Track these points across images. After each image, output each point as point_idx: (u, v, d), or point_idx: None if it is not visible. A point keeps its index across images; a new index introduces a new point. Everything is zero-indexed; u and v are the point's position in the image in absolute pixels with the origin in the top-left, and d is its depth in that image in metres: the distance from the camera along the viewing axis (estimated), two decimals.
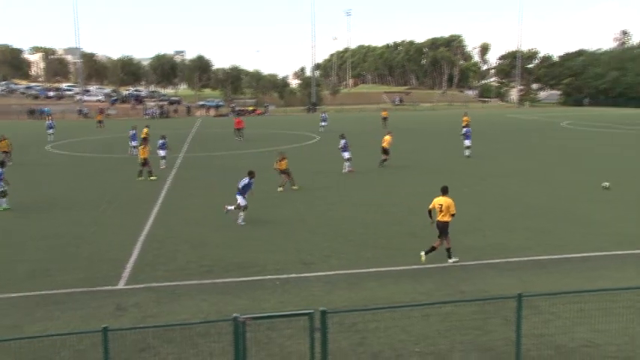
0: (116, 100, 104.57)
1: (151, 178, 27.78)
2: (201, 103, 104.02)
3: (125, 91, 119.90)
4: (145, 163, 28.04)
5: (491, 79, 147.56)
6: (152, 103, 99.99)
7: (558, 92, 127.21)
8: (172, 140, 44.05)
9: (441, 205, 14.31)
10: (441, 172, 28.82)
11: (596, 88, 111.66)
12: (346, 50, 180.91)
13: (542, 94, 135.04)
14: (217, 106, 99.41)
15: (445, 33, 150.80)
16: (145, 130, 41.94)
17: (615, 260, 14.35)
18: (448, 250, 14.32)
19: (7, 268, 14.46)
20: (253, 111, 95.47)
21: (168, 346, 9.49)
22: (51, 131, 50.55)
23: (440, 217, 14.31)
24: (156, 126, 52.14)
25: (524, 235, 16.72)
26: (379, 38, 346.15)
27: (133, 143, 38.15)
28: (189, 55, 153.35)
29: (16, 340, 8.89)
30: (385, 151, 32.05)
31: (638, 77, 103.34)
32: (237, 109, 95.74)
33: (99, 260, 14.93)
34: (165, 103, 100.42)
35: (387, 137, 32.56)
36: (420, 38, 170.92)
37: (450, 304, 10.22)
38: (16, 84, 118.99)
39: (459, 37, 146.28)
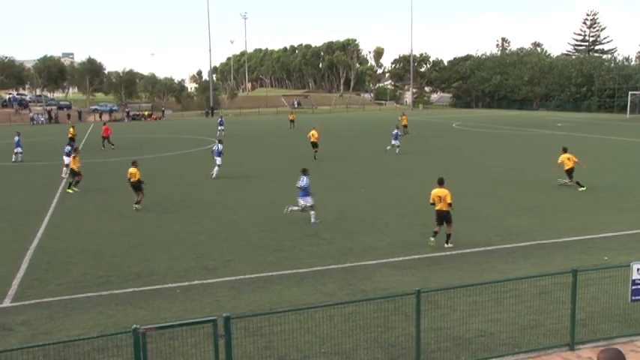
0: None
1: (69, 190, 25.14)
2: (94, 107, 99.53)
3: (7, 94, 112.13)
4: (76, 173, 25.52)
5: (387, 83, 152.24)
6: (39, 108, 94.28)
7: (449, 95, 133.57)
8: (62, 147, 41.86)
9: (440, 196, 15.50)
10: (339, 173, 29.35)
11: (483, 91, 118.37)
12: (243, 54, 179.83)
13: (435, 97, 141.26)
14: (111, 111, 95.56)
15: (341, 37, 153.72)
16: (71, 130, 41.46)
17: (504, 253, 15.23)
18: (449, 235, 15.64)
19: None
20: (149, 116, 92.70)
21: None
22: None
23: (439, 207, 15.49)
24: (46, 132, 49.31)
25: (420, 231, 17.33)
26: (276, 42, 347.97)
27: (18, 149, 36.30)
28: (79, 57, 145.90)
29: None
30: (314, 145, 35.19)
31: (517, 81, 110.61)
32: (132, 113, 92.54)
33: None
34: (54, 107, 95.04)
35: (314, 132, 35.66)
36: (316, 42, 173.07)
37: (352, 303, 10.41)
38: None
39: (354, 41, 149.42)
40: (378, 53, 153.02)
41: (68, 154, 28.55)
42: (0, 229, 18.75)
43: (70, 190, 25.11)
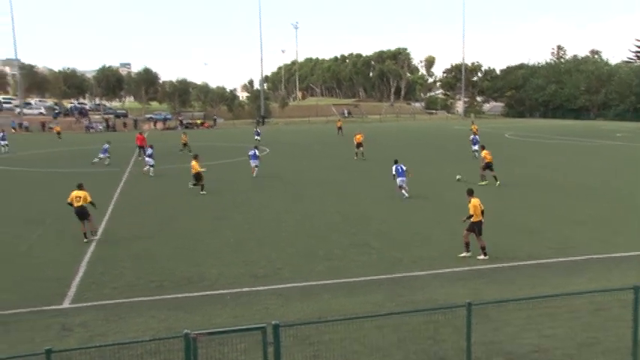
0: (59, 113, 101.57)
1: (202, 192, 26.59)
2: (149, 116, 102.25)
3: (69, 104, 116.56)
4: (198, 176, 26.94)
5: (438, 92, 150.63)
6: (97, 117, 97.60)
7: (502, 104, 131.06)
8: (120, 154, 43.14)
9: (479, 205, 15.56)
10: (387, 182, 29.11)
11: (537, 100, 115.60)
12: (294, 63, 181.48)
13: (487, 106, 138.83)
14: (165, 120, 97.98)
15: (392, 46, 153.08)
16: (184, 136, 45.59)
17: (558, 266, 14.80)
18: (467, 244, 15.68)
19: None
20: (202, 124, 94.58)
21: None
22: (4, 142, 50.88)
23: (479, 218, 15.46)
24: (104, 140, 50.81)
25: (471, 243, 17.00)
26: (327, 51, 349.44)
27: (102, 155, 39.36)
28: (136, 67, 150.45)
29: None
30: (359, 145, 40.27)
31: (574, 90, 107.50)
32: (185, 122, 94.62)
33: (44, 279, 14.42)
34: (111, 116, 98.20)
35: (359, 136, 41.09)
36: (367, 51, 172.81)
37: (402, 314, 10.30)
38: None
39: (405, 50, 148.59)
40: (429, 62, 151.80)
41: (150, 156, 33.86)
42: (60, 233, 19.44)
43: (203, 192, 26.60)
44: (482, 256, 15.47)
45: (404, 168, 24.92)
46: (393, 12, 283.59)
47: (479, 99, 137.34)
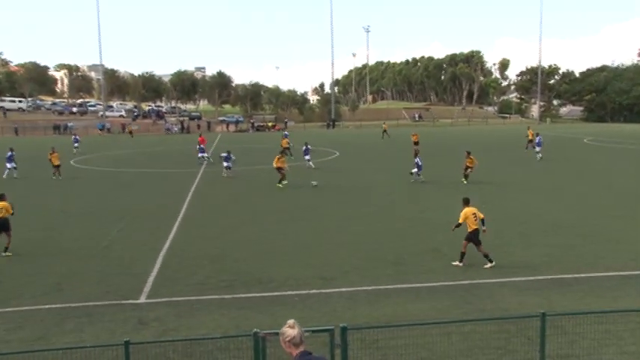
0: (138, 115, 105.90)
1: (280, 184, 29.77)
2: (222, 118, 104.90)
3: (147, 106, 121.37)
4: (279, 170, 30.14)
5: (512, 96, 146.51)
6: (173, 119, 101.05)
7: (580, 108, 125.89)
8: (193, 155, 44.46)
9: (475, 214, 15.13)
10: (459, 187, 28.59)
11: (620, 104, 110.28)
12: (365, 66, 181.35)
13: (564, 110, 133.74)
14: (237, 122, 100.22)
15: (464, 49, 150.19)
16: (285, 141, 47.81)
17: None
18: (463, 254, 15.21)
19: (31, 280, 14.62)
20: (273, 127, 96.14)
21: None
22: (76, 144, 52.63)
23: (476, 226, 15.05)
24: (180, 141, 52.75)
25: (545, 251, 16.49)
26: (398, 54, 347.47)
27: (225, 164, 41.13)
28: (210, 71, 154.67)
29: (39, 351, 8.95)
30: (416, 143, 45.79)
31: None
32: (256, 124, 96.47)
33: (123, 274, 15.06)
34: (186, 118, 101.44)
35: (415, 136, 49.40)
36: (439, 54, 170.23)
37: (472, 322, 10.08)
38: (42, 100, 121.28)
39: (478, 53, 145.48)
40: (504, 65, 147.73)
41: (227, 159, 34.78)
42: (139, 232, 20.23)
43: (279, 185, 29.83)
44: (488, 265, 15.03)
45: (420, 164, 30.39)
46: (466, 14, 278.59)
47: (555, 103, 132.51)
